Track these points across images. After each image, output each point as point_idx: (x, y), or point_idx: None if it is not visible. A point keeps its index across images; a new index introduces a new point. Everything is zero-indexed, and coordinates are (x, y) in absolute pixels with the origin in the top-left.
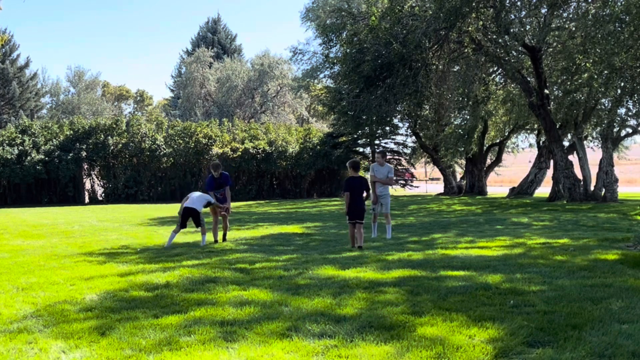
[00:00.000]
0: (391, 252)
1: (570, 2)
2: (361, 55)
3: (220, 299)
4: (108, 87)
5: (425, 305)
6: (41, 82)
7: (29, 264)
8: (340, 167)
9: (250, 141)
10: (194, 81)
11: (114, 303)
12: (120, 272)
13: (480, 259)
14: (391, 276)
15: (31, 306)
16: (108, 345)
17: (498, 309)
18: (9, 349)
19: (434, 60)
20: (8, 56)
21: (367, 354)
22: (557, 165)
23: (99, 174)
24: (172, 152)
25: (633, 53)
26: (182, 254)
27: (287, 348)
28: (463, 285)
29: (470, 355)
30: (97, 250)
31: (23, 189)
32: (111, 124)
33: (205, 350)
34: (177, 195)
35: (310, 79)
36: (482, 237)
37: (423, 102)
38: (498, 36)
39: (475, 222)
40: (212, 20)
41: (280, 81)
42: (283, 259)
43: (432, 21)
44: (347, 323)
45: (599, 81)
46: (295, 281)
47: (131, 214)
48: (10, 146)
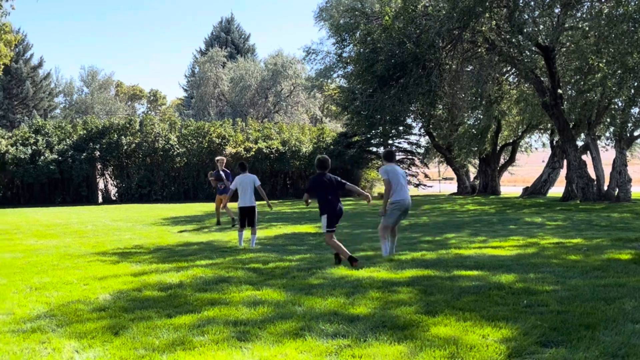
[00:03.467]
0: (404, 252)
1: (584, 2)
2: (374, 55)
3: (234, 299)
4: (121, 86)
5: (438, 305)
6: (54, 81)
7: (42, 263)
8: (353, 167)
9: (263, 141)
10: (208, 81)
11: (127, 303)
12: (134, 272)
13: (494, 258)
14: (404, 276)
15: (44, 306)
16: (121, 345)
17: (511, 309)
18: (23, 348)
19: (447, 59)
20: (21, 56)
21: (380, 354)
22: (571, 165)
23: (112, 173)
24: (185, 151)
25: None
26: (196, 253)
27: (300, 348)
28: (476, 285)
29: (484, 355)
30: (111, 250)
31: (36, 189)
32: (124, 124)
33: (218, 350)
34: (190, 195)
35: (323, 79)
36: (495, 237)
37: (436, 101)
38: (511, 36)
39: (489, 222)
40: (226, 20)
41: (294, 81)
42: (296, 258)
43: (445, 21)
44: (361, 323)
45: (613, 81)
46: (308, 281)
47: (144, 214)
48: (23, 146)
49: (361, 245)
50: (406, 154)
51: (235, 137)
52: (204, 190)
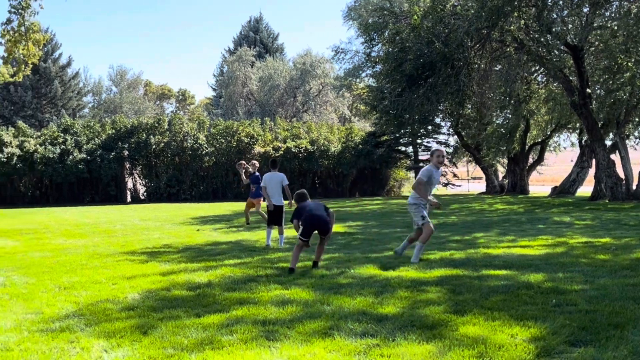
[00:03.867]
0: (433, 252)
1: (612, 1)
2: (403, 54)
3: (262, 298)
4: (150, 86)
5: (467, 305)
6: (83, 81)
7: (71, 263)
8: (382, 166)
9: (292, 140)
10: (236, 80)
11: (156, 302)
12: (162, 271)
13: (522, 258)
14: (433, 275)
15: (73, 305)
16: (150, 344)
17: (540, 308)
18: (51, 347)
19: (476, 59)
20: (50, 55)
21: (409, 353)
22: (599, 165)
23: (141, 173)
24: (214, 151)
25: None
26: (224, 252)
27: (329, 347)
28: (505, 285)
29: (512, 355)
30: (139, 250)
31: (65, 188)
32: (153, 123)
33: (247, 349)
34: (219, 194)
35: (352, 78)
36: (524, 236)
37: (465, 101)
38: (540, 35)
39: (517, 221)
40: (254, 20)
41: (322, 80)
42: (325, 258)
43: (474, 20)
44: (389, 322)
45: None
46: (337, 280)
47: (173, 213)
48: (52, 145)
49: (390, 244)
50: None
51: (263, 136)
52: (233, 189)
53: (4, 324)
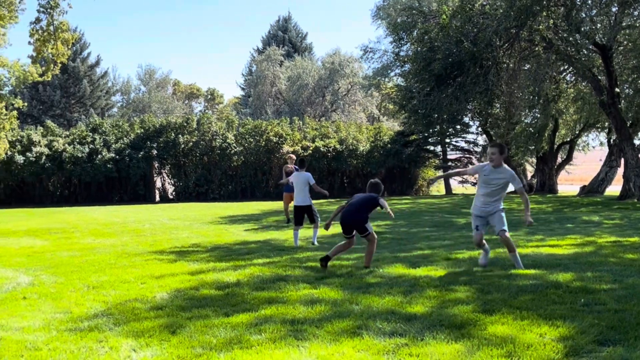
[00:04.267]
0: (462, 251)
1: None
2: (432, 54)
3: (291, 298)
4: (179, 85)
5: (495, 304)
6: (112, 80)
7: (99, 262)
8: (410, 165)
9: (320, 139)
10: (265, 79)
11: (185, 301)
12: (191, 271)
13: (551, 257)
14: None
15: (102, 304)
16: (179, 344)
17: (569, 308)
18: (80, 347)
19: (505, 58)
20: (79, 54)
21: (437, 352)
22: (628, 164)
23: (170, 172)
24: (242, 150)
25: None
26: (253, 252)
27: (357, 346)
28: (533, 284)
29: (541, 354)
30: (168, 249)
31: (94, 188)
32: (182, 123)
33: (275, 348)
34: (248, 193)
35: (380, 78)
36: (552, 236)
37: (494, 100)
38: (569, 34)
39: (546, 221)
40: (283, 19)
41: (351, 79)
42: (353, 257)
43: (502, 20)
44: (418, 321)
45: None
46: (365, 280)
47: (202, 213)
48: (81, 145)
49: (418, 243)
50: (463, 152)
51: (292, 135)
52: (261, 188)
53: (32, 323)
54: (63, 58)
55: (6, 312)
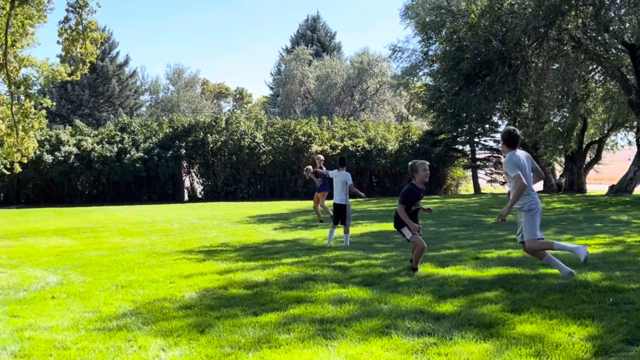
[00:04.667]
0: (490, 250)
1: None
2: (460, 53)
3: (319, 297)
4: (207, 84)
5: (524, 303)
6: (140, 79)
7: (128, 261)
8: (439, 165)
9: (349, 139)
10: (293, 79)
11: (213, 301)
12: (220, 270)
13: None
14: (490, 274)
15: (130, 304)
16: (207, 343)
17: (597, 307)
18: (109, 346)
19: (533, 57)
20: (107, 54)
21: (466, 352)
22: None
23: (198, 171)
24: (271, 149)
25: None
26: (282, 251)
27: (386, 346)
28: (562, 283)
29: (570, 353)
30: (196, 248)
31: (122, 187)
32: (210, 122)
33: (304, 348)
34: (276, 193)
35: (409, 77)
36: (581, 235)
37: (522, 99)
38: (597, 34)
39: (575, 220)
40: (312, 18)
41: (380, 79)
42: (382, 256)
43: (531, 19)
44: (446, 320)
45: None
46: (394, 279)
47: (230, 212)
48: (109, 144)
49: (447, 243)
50: (492, 152)
51: (321, 135)
52: (290, 188)
53: (61, 322)
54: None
55: (35, 311)
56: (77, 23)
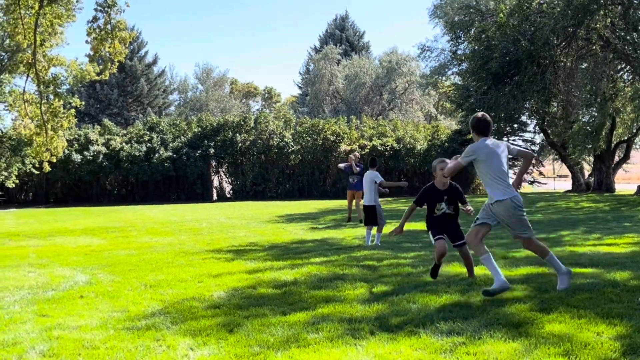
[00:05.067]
0: (518, 250)
1: None
2: (489, 52)
3: (348, 296)
4: (236, 84)
5: (552, 303)
6: (169, 79)
7: (156, 261)
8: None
9: (378, 138)
10: (322, 78)
11: (242, 300)
12: (248, 269)
13: (608, 256)
14: (519, 273)
15: (159, 303)
16: (236, 342)
17: (626, 306)
18: (137, 345)
19: (562, 57)
20: (136, 53)
21: (494, 351)
22: None
23: (227, 171)
24: (300, 149)
25: None
26: (310, 250)
27: (415, 345)
28: (591, 283)
29: (598, 353)
30: (225, 248)
31: (151, 186)
32: (239, 121)
33: (332, 347)
34: (305, 192)
35: (438, 76)
36: (609, 234)
37: (551, 99)
38: (626, 33)
39: (603, 219)
40: (340, 18)
41: (408, 78)
42: (410, 256)
43: (560, 18)
44: (475, 320)
45: None
46: (423, 278)
47: (259, 211)
48: (138, 143)
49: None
50: None
51: (349, 134)
52: (319, 187)
53: (89, 322)
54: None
55: (63, 310)
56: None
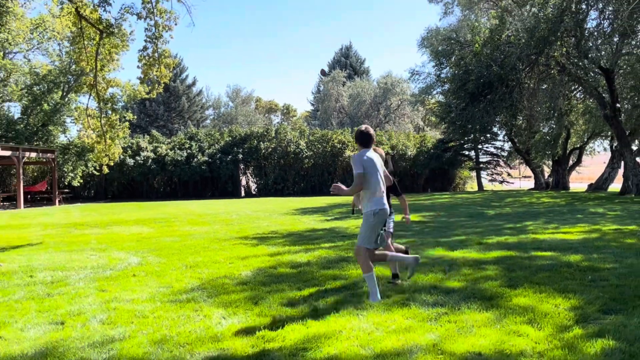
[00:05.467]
0: (491, 237)
1: (637, 32)
2: (466, 76)
3: (352, 275)
4: (260, 101)
5: (518, 280)
6: (205, 97)
7: (195, 246)
8: (449, 167)
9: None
10: (330, 97)
11: (265, 278)
12: (270, 253)
13: (564, 242)
14: (491, 256)
15: (197, 280)
16: (260, 312)
17: (578, 283)
18: (179, 315)
19: (526, 79)
20: (178, 76)
21: (471, 320)
22: (627, 166)
23: (253, 172)
24: (312, 154)
25: None
26: (321, 237)
27: (406, 314)
28: (550, 264)
29: (556, 321)
30: (251, 235)
31: (190, 185)
32: (262, 132)
33: (339, 316)
34: (317, 190)
35: (425, 95)
36: (565, 224)
37: (517, 114)
38: (578, 60)
39: (560, 212)
40: (345, 47)
41: (401, 97)
42: (403, 242)
43: (524, 48)
44: (455, 294)
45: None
46: None
47: (279, 206)
48: (180, 150)
49: (455, 231)
50: (492, 156)
51: (353, 143)
52: (328, 186)
53: (140, 296)
54: (165, 79)
55: (119, 286)
56: (153, 51)
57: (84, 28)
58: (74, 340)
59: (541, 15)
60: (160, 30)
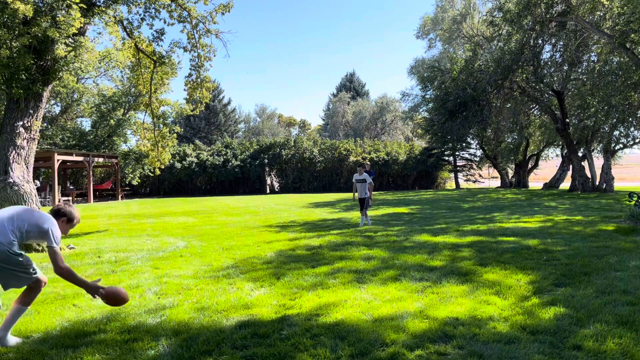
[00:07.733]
0: (466, 225)
1: (583, 62)
2: (446, 97)
3: (355, 256)
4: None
5: (488, 260)
6: (238, 114)
7: (230, 232)
8: (433, 169)
9: (374, 153)
10: (338, 114)
11: (285, 258)
12: (289, 238)
13: (524, 229)
14: (466, 240)
15: (232, 260)
16: (282, 285)
17: (535, 262)
18: (218, 287)
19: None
20: (217, 97)
21: (450, 291)
22: (574, 168)
23: (276, 174)
24: (323, 160)
25: (623, 96)
26: (331, 226)
27: (398, 287)
28: (513, 247)
29: (518, 292)
30: (274, 224)
31: (226, 184)
32: (284, 142)
33: (344, 289)
34: (327, 188)
35: (413, 112)
36: (525, 215)
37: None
38: (536, 84)
39: (521, 206)
40: (349, 74)
41: (394, 114)
42: (395, 229)
43: (492, 74)
44: (437, 271)
45: (602, 114)
46: (403, 244)
47: (297, 200)
48: (218, 156)
49: (438, 220)
50: (467, 161)
51: (355, 150)
52: (336, 185)
53: (186, 272)
54: (206, 100)
55: (169, 265)
56: (196, 77)
57: (141, 59)
58: (133, 307)
59: (506, 49)
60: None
